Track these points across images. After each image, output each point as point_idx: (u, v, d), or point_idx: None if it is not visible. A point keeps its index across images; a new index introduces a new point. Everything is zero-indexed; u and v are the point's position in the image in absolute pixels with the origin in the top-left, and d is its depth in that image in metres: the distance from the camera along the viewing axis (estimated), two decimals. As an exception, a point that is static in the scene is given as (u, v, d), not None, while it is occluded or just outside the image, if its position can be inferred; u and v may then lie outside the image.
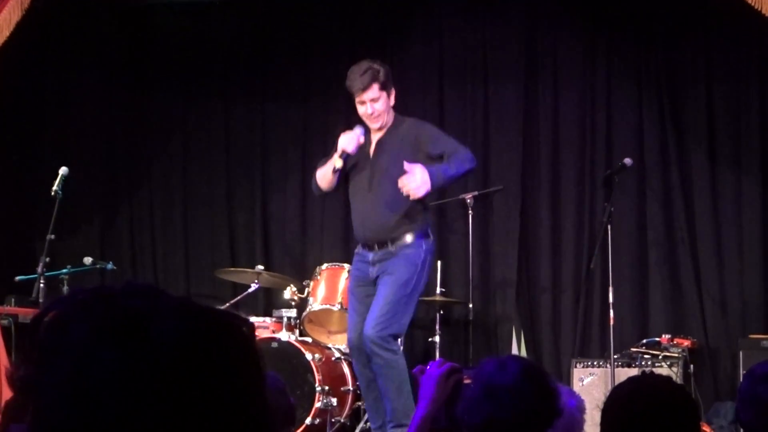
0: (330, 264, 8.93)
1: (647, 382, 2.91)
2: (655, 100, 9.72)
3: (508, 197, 9.79)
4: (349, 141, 7.29)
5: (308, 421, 8.33)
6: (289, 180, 10.39)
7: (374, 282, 7.33)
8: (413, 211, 7.27)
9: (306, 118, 10.40)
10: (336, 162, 7.28)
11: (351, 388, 8.76)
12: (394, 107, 7.45)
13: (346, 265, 8.81)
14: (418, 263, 7.23)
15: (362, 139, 7.32)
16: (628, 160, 8.66)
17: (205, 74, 10.55)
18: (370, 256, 7.33)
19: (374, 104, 7.28)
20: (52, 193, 7.76)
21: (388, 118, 7.37)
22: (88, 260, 8.90)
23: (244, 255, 10.32)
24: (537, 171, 9.86)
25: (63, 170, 7.83)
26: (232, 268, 9.58)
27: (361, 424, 8.62)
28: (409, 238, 7.26)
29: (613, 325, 8.48)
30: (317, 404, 8.39)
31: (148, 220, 10.65)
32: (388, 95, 7.34)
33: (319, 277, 8.80)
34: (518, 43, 9.98)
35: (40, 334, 1.15)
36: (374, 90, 7.26)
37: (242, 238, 10.48)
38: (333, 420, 8.55)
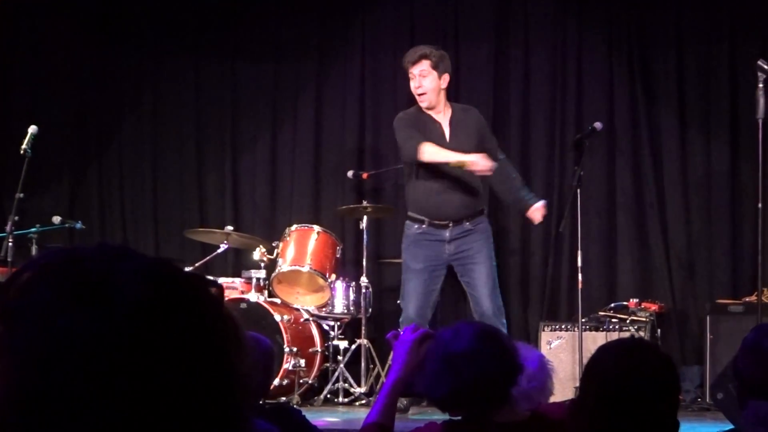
0: (299, 225, 8.95)
1: (634, 344, 2.94)
2: (626, 63, 9.72)
3: (478, 159, 9.77)
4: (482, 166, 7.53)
5: (276, 381, 8.35)
6: (259, 140, 10.35)
7: (446, 262, 7.72)
8: (480, 188, 7.85)
9: (277, 77, 10.35)
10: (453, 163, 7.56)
11: (319, 350, 8.79)
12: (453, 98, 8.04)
13: (316, 227, 8.84)
14: (490, 233, 7.88)
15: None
16: (598, 124, 8.65)
17: (175, 32, 10.47)
18: (446, 233, 7.67)
19: (422, 79, 7.74)
20: (21, 152, 7.71)
21: (437, 100, 7.81)
22: (56, 219, 8.86)
23: (214, 215, 10.29)
24: (507, 133, 9.85)
25: (32, 129, 7.78)
26: (202, 228, 9.54)
27: (329, 386, 8.65)
28: (478, 214, 7.83)
29: (582, 288, 8.50)
30: (285, 365, 8.42)
31: (118, 180, 10.60)
32: (439, 76, 7.78)
33: (288, 238, 8.81)
34: (489, 4, 9.96)
35: (10, 296, 1.15)
36: (424, 65, 7.76)
37: (212, 199, 10.44)
38: (301, 381, 8.58)
